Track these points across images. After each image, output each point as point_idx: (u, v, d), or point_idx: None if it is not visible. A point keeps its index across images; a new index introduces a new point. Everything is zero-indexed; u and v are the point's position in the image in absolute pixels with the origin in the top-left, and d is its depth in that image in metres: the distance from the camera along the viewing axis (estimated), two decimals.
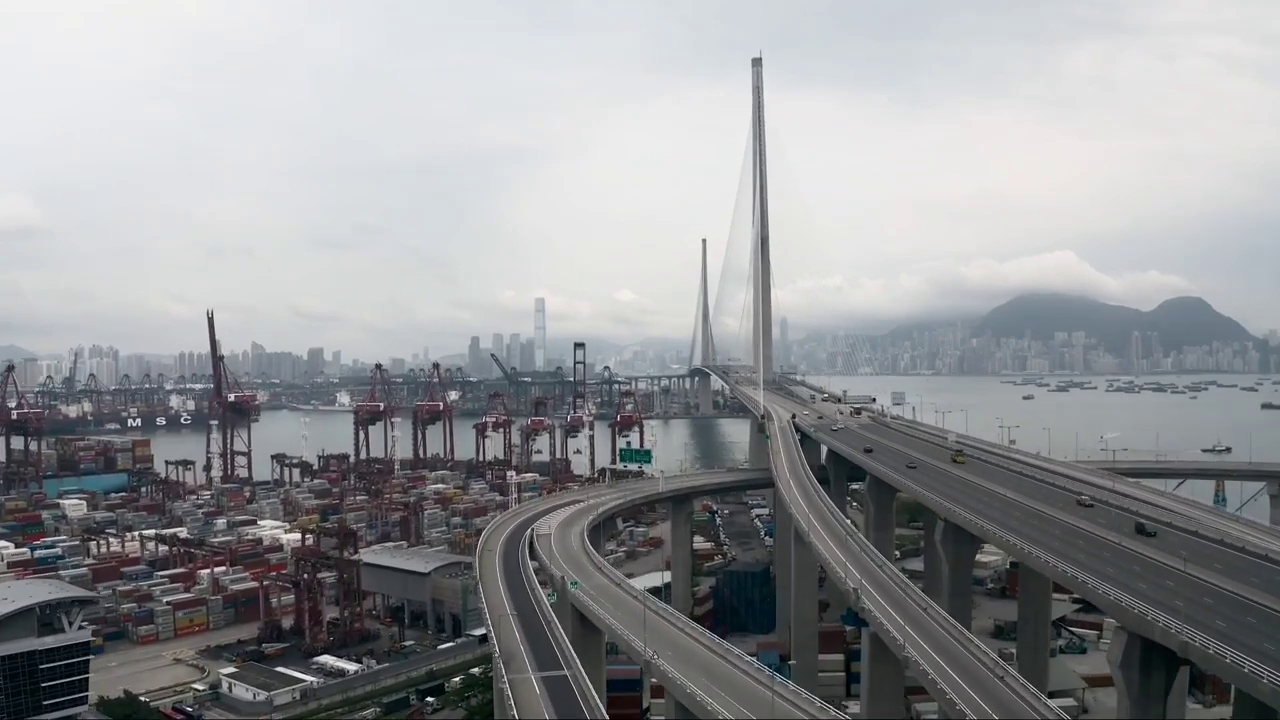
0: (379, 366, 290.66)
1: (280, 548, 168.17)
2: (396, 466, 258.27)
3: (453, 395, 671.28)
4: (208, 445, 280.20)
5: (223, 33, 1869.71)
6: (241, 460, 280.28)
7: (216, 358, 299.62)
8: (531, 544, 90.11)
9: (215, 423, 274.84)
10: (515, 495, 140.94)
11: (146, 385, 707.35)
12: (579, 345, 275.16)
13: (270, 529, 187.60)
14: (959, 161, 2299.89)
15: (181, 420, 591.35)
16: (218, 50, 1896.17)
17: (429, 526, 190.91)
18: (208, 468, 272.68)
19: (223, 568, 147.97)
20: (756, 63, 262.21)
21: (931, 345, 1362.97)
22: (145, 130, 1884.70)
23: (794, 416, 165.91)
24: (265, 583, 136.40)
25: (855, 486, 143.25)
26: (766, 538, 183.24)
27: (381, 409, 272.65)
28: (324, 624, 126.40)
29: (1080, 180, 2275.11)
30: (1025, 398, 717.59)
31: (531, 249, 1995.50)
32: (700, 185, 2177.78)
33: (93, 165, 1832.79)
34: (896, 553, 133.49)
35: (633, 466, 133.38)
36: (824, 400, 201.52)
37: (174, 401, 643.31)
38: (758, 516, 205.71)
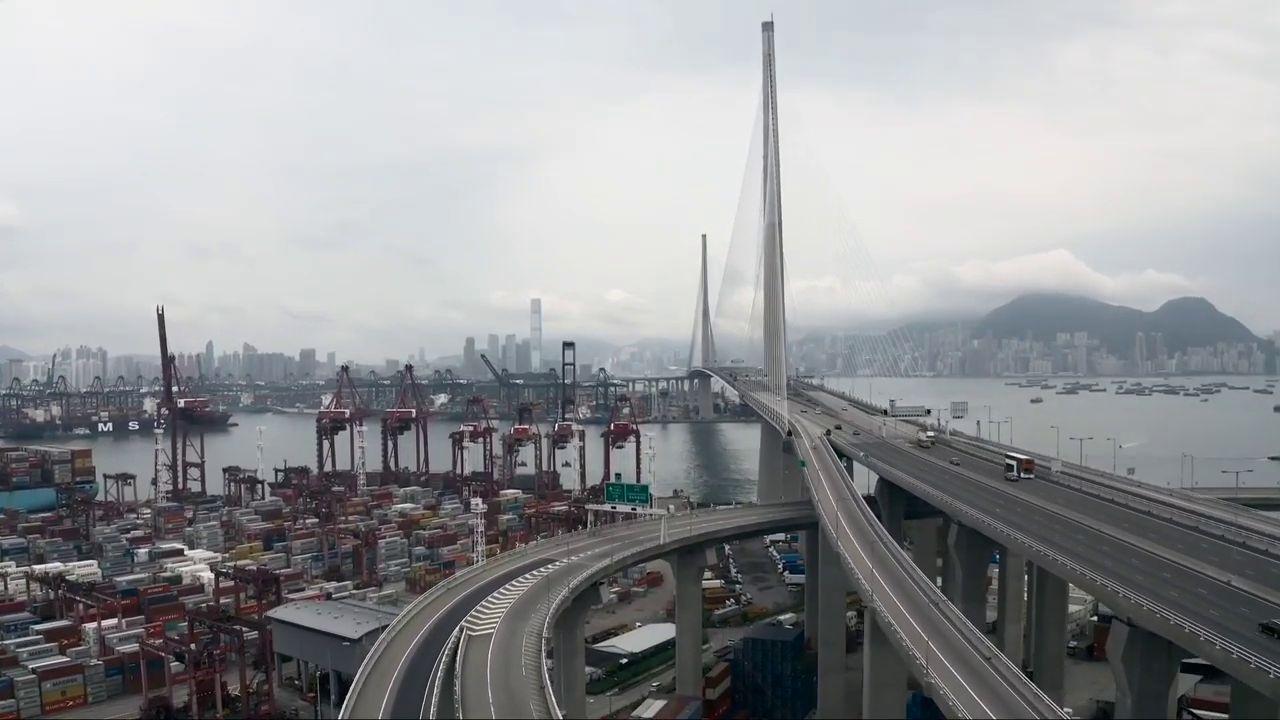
0: (344, 368, 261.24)
1: (202, 588, 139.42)
2: (361, 481, 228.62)
3: (441, 398, 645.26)
4: (156, 456, 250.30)
5: (201, 29, 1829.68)
6: (196, 473, 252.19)
7: (166, 358, 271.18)
8: (457, 654, 59.09)
9: (160, 430, 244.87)
10: (478, 538, 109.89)
11: (123, 387, 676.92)
12: (568, 345, 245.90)
13: (199, 561, 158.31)
14: (949, 160, 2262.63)
15: (155, 425, 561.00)
16: (196, 47, 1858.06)
17: (386, 558, 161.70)
18: (155, 481, 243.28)
19: (112, 620, 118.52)
20: (767, 27, 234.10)
21: (932, 346, 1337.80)
22: (123, 129, 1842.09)
23: (828, 433, 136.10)
24: (150, 645, 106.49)
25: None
26: (786, 573, 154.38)
27: (347, 415, 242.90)
28: (223, 703, 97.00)
29: (1074, 178, 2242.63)
30: (1034, 400, 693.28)
31: (521, 248, 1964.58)
32: (693, 183, 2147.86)
33: (70, 165, 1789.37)
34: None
35: (624, 507, 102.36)
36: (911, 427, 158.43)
37: (148, 405, 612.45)
38: (773, 544, 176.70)
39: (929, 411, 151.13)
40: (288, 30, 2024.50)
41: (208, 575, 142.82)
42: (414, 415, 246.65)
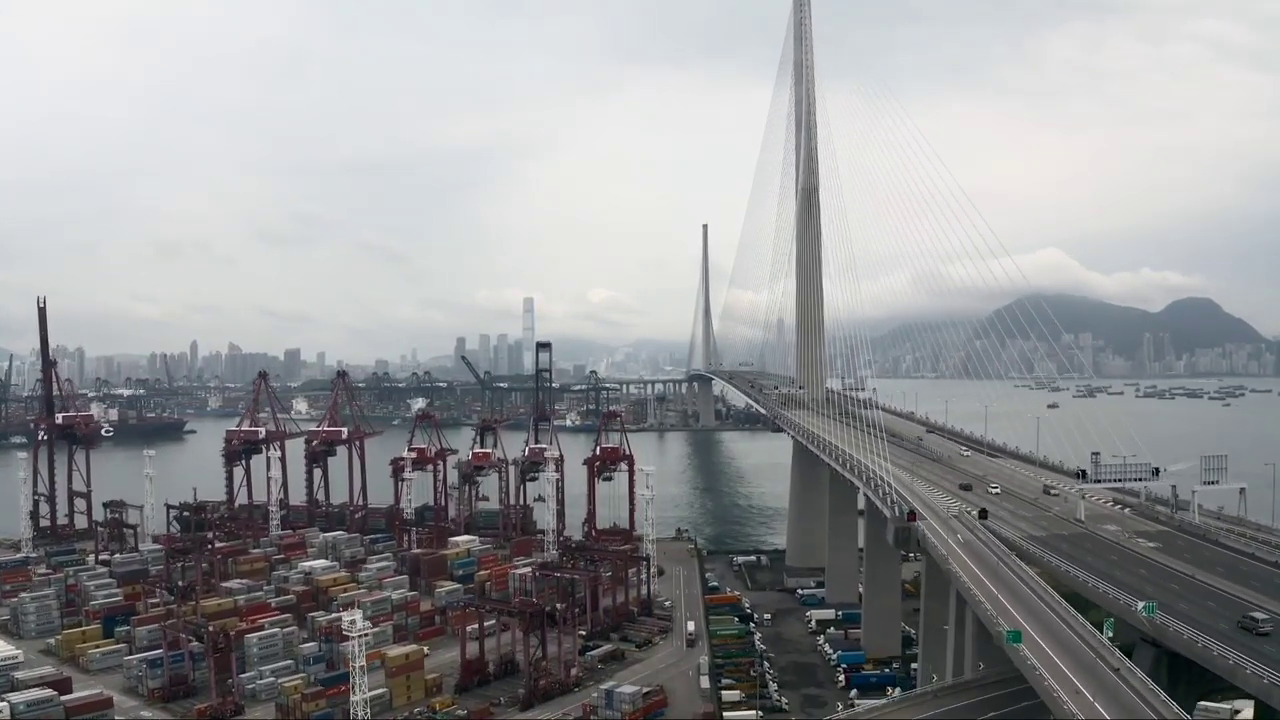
0: (263, 375, 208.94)
1: None
2: (275, 525, 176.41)
3: (419, 403, 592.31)
4: (34, 484, 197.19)
5: (168, 24, 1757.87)
6: (83, 505, 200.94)
7: (47, 362, 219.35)
8: None
9: (24, 456, 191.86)
10: (357, 684, 57.52)
11: (79, 390, 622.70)
12: (543, 346, 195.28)
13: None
14: (935, 156, 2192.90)
15: (103, 433, 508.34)
16: (163, 43, 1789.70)
17: (259, 660, 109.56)
18: (34, 515, 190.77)
19: None
20: None
21: (933, 347, 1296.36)
22: (89, 125, 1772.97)
23: (982, 514, 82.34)
24: None
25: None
26: (854, 692, 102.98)
27: (261, 436, 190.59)
28: None
29: (1064, 175, 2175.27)
30: (1050, 405, 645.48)
31: (503, 246, 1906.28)
32: (679, 179, 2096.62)
33: (37, 162, 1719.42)
34: None
35: None
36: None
37: (94, 411, 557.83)
38: (822, 631, 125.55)
39: (1158, 472, 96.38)
40: (257, 23, 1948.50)
41: None
42: (344, 436, 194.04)
